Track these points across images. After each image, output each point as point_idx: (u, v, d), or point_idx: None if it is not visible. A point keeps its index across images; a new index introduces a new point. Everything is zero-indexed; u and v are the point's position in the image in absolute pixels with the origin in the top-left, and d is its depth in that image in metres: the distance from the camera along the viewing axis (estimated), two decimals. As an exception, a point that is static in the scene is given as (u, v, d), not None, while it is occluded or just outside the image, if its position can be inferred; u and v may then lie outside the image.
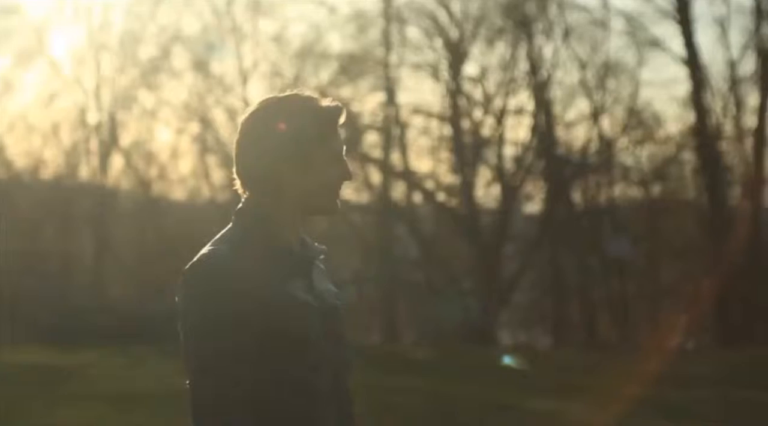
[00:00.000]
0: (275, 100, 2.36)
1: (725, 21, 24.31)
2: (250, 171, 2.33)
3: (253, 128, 2.33)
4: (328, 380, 2.28)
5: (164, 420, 10.91)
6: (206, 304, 2.19)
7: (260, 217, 2.31)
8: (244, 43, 25.82)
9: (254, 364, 2.18)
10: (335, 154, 2.33)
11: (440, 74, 25.77)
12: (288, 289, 2.26)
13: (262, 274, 2.23)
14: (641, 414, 10.77)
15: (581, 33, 25.30)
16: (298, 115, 2.31)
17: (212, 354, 2.17)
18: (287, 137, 2.29)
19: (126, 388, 12.89)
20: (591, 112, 25.27)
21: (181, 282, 2.26)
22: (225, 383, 2.16)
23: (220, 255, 2.25)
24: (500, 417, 11.00)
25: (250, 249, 2.27)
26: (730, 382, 13.79)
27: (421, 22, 25.70)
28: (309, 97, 2.37)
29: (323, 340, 2.28)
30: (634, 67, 25.48)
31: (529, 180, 25.92)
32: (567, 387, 12.98)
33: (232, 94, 25.87)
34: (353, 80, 25.71)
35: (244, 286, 2.20)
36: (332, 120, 2.33)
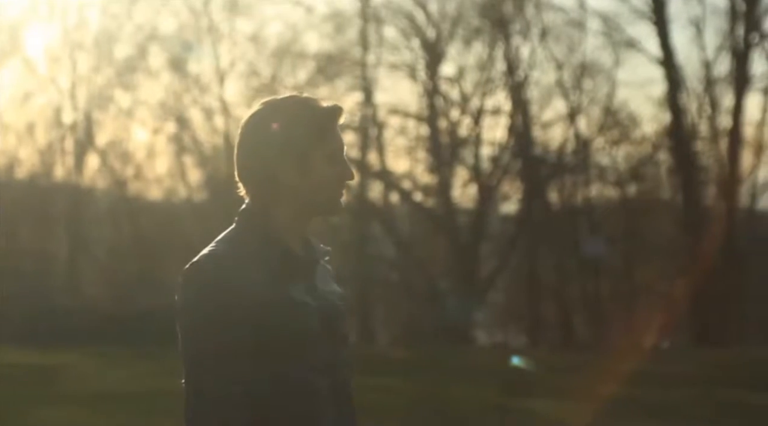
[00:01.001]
0: (273, 102, 2.37)
1: (700, 22, 24.47)
2: (249, 173, 2.34)
3: (250, 130, 2.34)
4: (327, 381, 2.29)
5: (140, 420, 10.87)
6: (203, 304, 2.20)
7: (260, 219, 2.32)
8: (220, 42, 25.77)
9: (251, 364, 2.19)
10: (333, 154, 2.33)
11: (417, 74, 25.83)
12: (286, 290, 2.26)
13: (261, 274, 2.24)
14: (617, 413, 10.82)
15: (558, 33, 25.42)
16: (295, 116, 2.32)
17: (208, 354, 2.19)
18: (284, 138, 2.30)
19: (102, 388, 12.83)
20: (567, 112, 25.38)
21: (180, 281, 2.27)
22: (220, 383, 2.18)
23: (218, 255, 2.25)
24: (478, 416, 11.02)
25: (250, 250, 2.27)
26: (705, 381, 13.88)
27: (398, 22, 25.74)
28: (307, 97, 2.37)
29: (323, 341, 2.29)
30: (611, 68, 25.60)
31: (505, 180, 25.99)
32: (544, 386, 13.02)
33: (209, 94, 25.81)
34: (330, 80, 25.70)
35: (241, 286, 2.21)
36: (329, 120, 2.34)
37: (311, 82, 25.68)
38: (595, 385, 12.33)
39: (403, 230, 26.10)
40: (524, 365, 15.28)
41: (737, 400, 12.28)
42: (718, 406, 11.83)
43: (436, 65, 25.59)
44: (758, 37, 23.84)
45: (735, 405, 11.95)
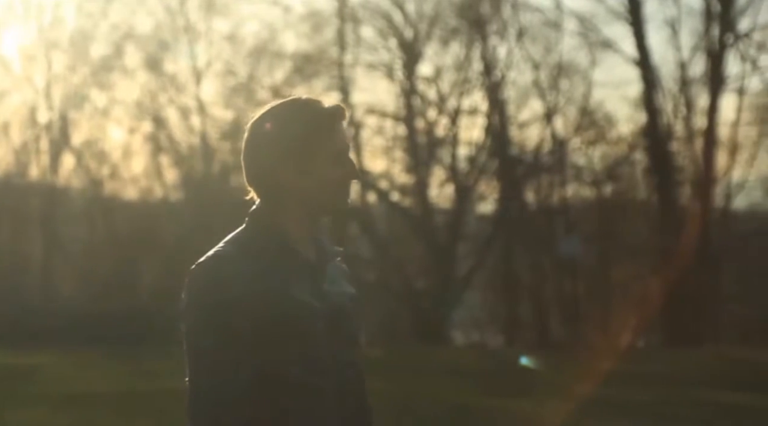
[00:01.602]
0: (276, 105, 2.40)
1: (676, 23, 24.63)
2: (255, 176, 2.37)
3: (254, 134, 2.38)
4: (331, 382, 2.30)
5: (116, 421, 10.82)
6: (205, 304, 2.23)
7: (268, 220, 2.35)
8: (197, 41, 25.70)
9: (252, 364, 2.22)
10: (336, 153, 2.35)
11: (395, 74, 25.84)
12: (291, 290, 2.28)
13: (265, 275, 2.27)
14: (592, 413, 10.86)
15: (534, 34, 25.50)
16: (297, 118, 2.35)
17: (209, 352, 2.21)
18: (287, 140, 2.33)
19: (77, 388, 12.77)
20: (544, 112, 25.47)
21: (186, 281, 2.29)
22: (220, 382, 2.20)
23: (223, 256, 2.28)
24: (455, 416, 11.04)
25: (256, 250, 2.30)
26: (679, 381, 13.96)
27: (375, 22, 25.75)
28: (309, 99, 2.40)
29: (327, 341, 2.31)
30: (587, 68, 25.80)
31: (482, 180, 26.04)
32: (519, 386, 13.05)
33: (186, 93, 25.74)
34: (307, 80, 25.67)
35: (244, 287, 2.23)
36: (331, 120, 2.36)
37: (288, 81, 25.67)
38: (570, 384, 12.37)
39: (380, 230, 26.10)
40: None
41: (711, 400, 12.36)
42: (692, 406, 11.90)
43: (414, 65, 25.63)
44: (733, 38, 23.99)
45: (709, 404, 12.03)
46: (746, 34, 24.03)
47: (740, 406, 11.95)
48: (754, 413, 11.39)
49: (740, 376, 14.44)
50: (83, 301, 23.50)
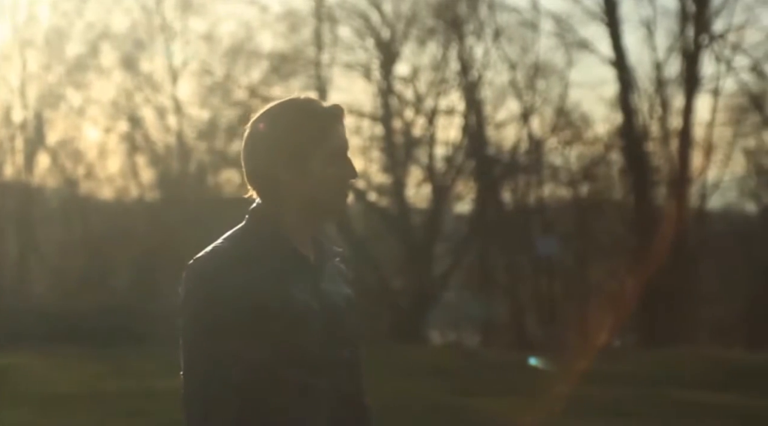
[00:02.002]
0: (275, 105, 2.40)
1: (651, 23, 24.71)
2: (254, 176, 2.38)
3: (252, 134, 2.38)
4: (324, 381, 2.30)
5: (91, 421, 10.77)
6: (201, 299, 2.24)
7: (266, 218, 2.36)
8: (173, 41, 25.61)
9: (248, 361, 2.22)
10: (334, 154, 2.35)
11: (372, 74, 25.84)
12: (288, 289, 2.28)
13: (262, 273, 2.27)
14: (568, 412, 10.89)
15: (511, 34, 25.55)
16: (295, 118, 2.35)
17: (203, 349, 2.22)
18: (284, 140, 2.33)
19: (52, 389, 12.69)
20: (521, 112, 25.53)
21: (183, 277, 2.30)
22: (213, 378, 2.21)
23: (221, 252, 2.30)
24: (432, 416, 11.04)
25: (254, 248, 2.31)
26: (655, 380, 14.03)
27: (352, 21, 25.74)
28: (307, 99, 2.40)
29: (322, 341, 2.31)
30: (563, 68, 25.79)
31: (459, 180, 26.08)
32: (495, 385, 13.08)
33: (162, 93, 25.64)
34: (284, 79, 25.64)
35: (241, 284, 2.24)
36: (329, 120, 2.36)
37: (265, 81, 25.63)
38: (546, 383, 12.40)
39: (357, 230, 26.09)
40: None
41: (686, 399, 12.42)
42: (667, 405, 11.96)
43: (391, 65, 25.63)
44: (708, 38, 24.13)
45: (684, 404, 12.09)
46: (721, 35, 24.18)
47: (715, 405, 12.02)
48: (729, 412, 11.46)
49: (715, 376, 14.52)
50: (58, 301, 23.37)
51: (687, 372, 15.01)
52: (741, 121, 25.07)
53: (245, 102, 26.00)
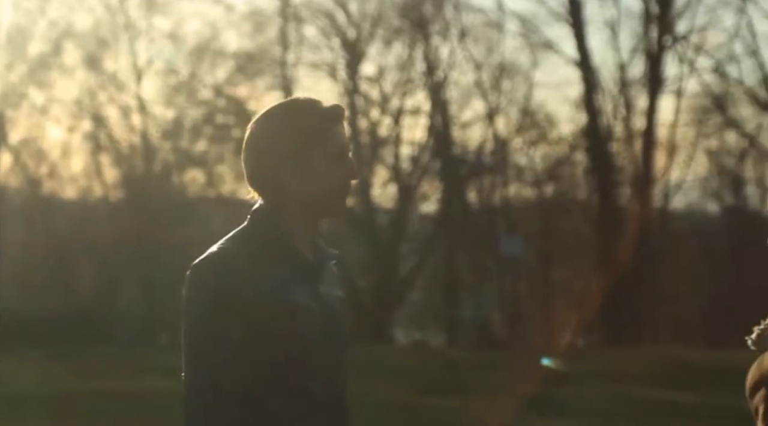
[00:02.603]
0: (275, 106, 2.39)
1: (615, 24, 24.86)
2: (254, 177, 2.36)
3: (253, 135, 2.36)
4: (322, 385, 2.30)
5: (54, 422, 10.69)
6: (204, 303, 2.23)
7: (268, 219, 2.34)
8: (138, 39, 25.45)
9: (250, 365, 2.22)
10: (335, 154, 2.34)
11: (337, 74, 25.83)
12: (290, 293, 2.28)
13: (266, 276, 2.26)
14: (532, 411, 10.94)
15: (477, 34, 25.63)
16: (295, 119, 2.34)
17: (206, 352, 2.22)
18: (285, 141, 2.32)
19: (15, 390, 12.57)
20: (486, 112, 25.61)
21: (186, 279, 2.29)
22: (215, 381, 2.20)
23: (225, 255, 2.28)
24: (396, 415, 11.05)
25: (257, 251, 2.29)
26: (618, 379, 14.11)
27: (318, 21, 25.71)
28: (307, 99, 2.38)
29: (322, 345, 2.31)
30: (528, 69, 25.97)
31: (425, 180, 26.12)
32: (460, 385, 13.11)
33: (126, 92, 25.47)
34: (250, 79, 25.57)
35: (245, 288, 2.23)
36: (329, 120, 2.35)
37: (230, 80, 25.54)
38: (510, 383, 12.45)
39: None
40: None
41: (649, 398, 12.51)
42: (630, 404, 12.04)
43: (357, 65, 25.63)
44: (671, 39, 24.32)
45: (647, 402, 12.17)
46: (684, 37, 24.39)
47: (677, 404, 12.11)
48: (691, 411, 11.55)
49: (677, 375, 14.64)
50: (20, 302, 23.16)
51: (650, 371, 15.12)
52: (703, 122, 25.30)
53: (210, 101, 25.91)
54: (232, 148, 25.79)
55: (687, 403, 12.09)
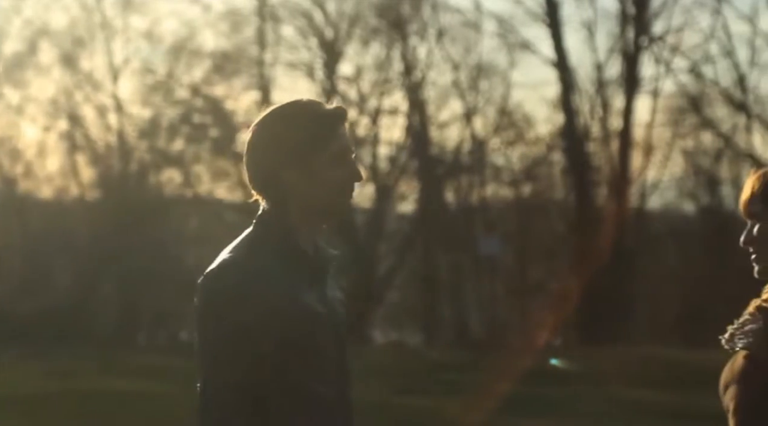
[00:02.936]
0: (277, 107, 2.38)
1: (592, 25, 24.94)
2: (257, 179, 2.34)
3: (255, 137, 2.35)
4: (334, 390, 2.31)
5: (29, 422, 10.63)
6: (224, 311, 2.21)
7: (278, 225, 2.32)
8: (114, 38, 25.34)
9: (264, 372, 2.21)
10: (338, 156, 2.33)
11: (315, 73, 25.80)
12: (304, 298, 2.27)
13: (281, 283, 2.25)
14: (509, 410, 10.96)
15: (454, 34, 25.66)
16: (297, 121, 2.32)
17: (222, 360, 2.21)
18: (287, 143, 2.31)
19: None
20: (464, 112, 25.65)
21: (200, 287, 2.27)
22: (237, 389, 2.19)
23: (240, 263, 2.26)
24: (374, 415, 11.05)
25: (270, 258, 2.28)
26: (595, 378, 14.17)
27: (295, 21, 25.68)
28: (310, 101, 2.38)
29: (331, 349, 2.31)
30: (506, 69, 25.96)
31: (402, 179, 26.13)
32: (438, 384, 13.12)
33: (102, 91, 25.36)
34: (227, 78, 25.50)
35: (261, 294, 2.22)
36: (332, 122, 2.34)
37: (207, 80, 25.46)
38: (488, 382, 12.47)
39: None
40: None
41: (625, 397, 12.56)
42: (607, 403, 12.08)
43: (334, 65, 25.61)
44: (647, 40, 24.43)
45: (623, 401, 12.22)
46: (660, 37, 24.50)
47: (654, 402, 12.17)
48: (666, 409, 11.61)
49: (653, 374, 14.71)
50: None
51: (627, 370, 15.18)
52: (679, 122, 25.42)
53: (187, 101, 25.83)
54: (209, 147, 25.73)
55: (663, 402, 12.15)
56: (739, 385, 2.17)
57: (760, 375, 2.14)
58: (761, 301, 2.25)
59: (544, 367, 14.59)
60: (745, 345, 2.19)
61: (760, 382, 2.14)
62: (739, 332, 2.21)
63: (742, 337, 2.20)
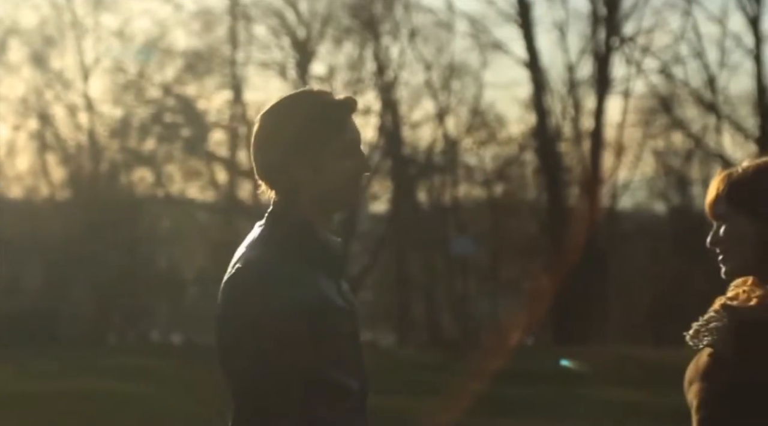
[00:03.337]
0: (286, 97, 2.35)
1: (564, 25, 25.06)
2: (266, 170, 2.31)
3: (264, 128, 2.33)
4: (358, 383, 2.30)
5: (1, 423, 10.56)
6: (258, 310, 2.17)
7: (295, 219, 2.28)
8: (85, 37, 25.20)
9: (300, 368, 2.18)
10: (348, 147, 2.30)
11: (287, 73, 25.76)
12: (328, 293, 2.25)
13: (309, 278, 2.23)
14: (481, 410, 10.99)
15: (427, 34, 25.70)
16: (307, 111, 2.30)
17: (260, 357, 2.16)
18: (297, 134, 2.28)
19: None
20: (436, 112, 25.69)
21: (230, 288, 2.22)
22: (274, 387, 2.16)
23: (267, 260, 2.22)
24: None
25: (293, 254, 2.24)
26: (566, 378, 14.22)
27: (268, 20, 25.63)
28: (320, 91, 2.35)
29: (353, 343, 2.30)
30: (478, 69, 26.08)
31: (375, 179, 26.13)
32: (411, 384, 13.13)
33: (73, 90, 25.22)
34: (199, 78, 25.41)
35: (295, 291, 2.19)
36: (342, 113, 2.31)
37: (179, 79, 25.36)
38: (460, 382, 12.49)
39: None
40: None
41: (596, 396, 12.62)
42: (578, 402, 12.13)
43: (307, 64, 25.58)
44: (618, 41, 24.56)
45: (595, 401, 12.27)
46: (631, 38, 24.64)
47: (625, 401, 12.23)
48: (638, 408, 11.67)
49: (624, 373, 14.78)
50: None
51: (599, 369, 15.25)
52: (650, 123, 25.58)
53: (159, 100, 25.71)
54: (180, 147, 25.63)
55: (634, 401, 12.21)
56: (703, 382, 2.19)
57: (724, 373, 2.16)
58: (725, 298, 2.27)
59: (516, 367, 14.63)
60: (710, 342, 2.21)
61: (724, 379, 2.16)
62: (704, 329, 2.23)
63: (707, 335, 2.22)
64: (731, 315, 2.21)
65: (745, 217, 2.26)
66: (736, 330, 2.18)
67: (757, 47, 23.98)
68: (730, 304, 2.24)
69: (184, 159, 25.77)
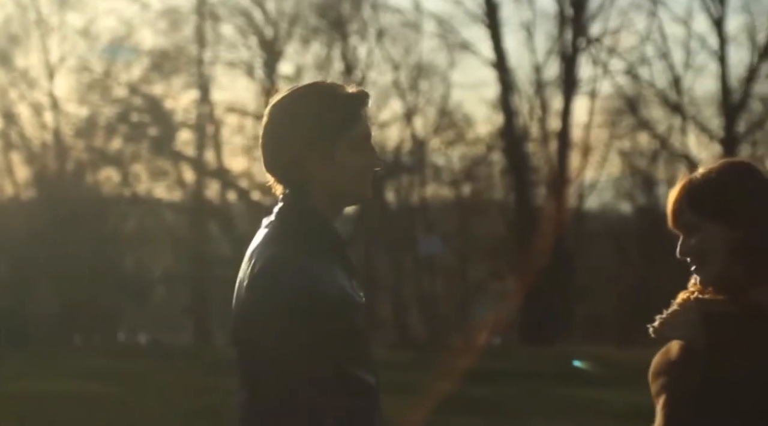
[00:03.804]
0: (296, 88, 2.32)
1: (531, 26, 25.16)
2: (277, 162, 2.27)
3: (274, 119, 2.28)
4: (374, 379, 2.27)
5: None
6: (287, 306, 2.14)
7: (309, 212, 2.25)
8: (50, 36, 25.00)
9: (328, 365, 2.16)
10: (360, 141, 2.28)
11: (255, 72, 25.70)
12: (347, 288, 2.23)
13: (332, 273, 2.20)
14: (448, 410, 11.01)
15: (394, 34, 25.72)
16: (319, 103, 2.26)
17: (291, 355, 2.13)
18: (309, 126, 2.24)
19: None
20: (404, 112, 25.72)
21: (254, 285, 2.19)
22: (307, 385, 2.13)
23: (291, 256, 2.19)
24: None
25: (312, 248, 2.21)
26: (533, 378, 14.28)
27: (235, 19, 25.55)
28: (332, 84, 2.34)
29: (367, 338, 2.29)
30: (446, 69, 26.10)
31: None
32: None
33: (38, 89, 25.02)
34: (166, 77, 25.28)
35: (321, 286, 2.16)
36: (355, 106, 2.29)
37: (146, 78, 25.22)
38: (427, 382, 12.51)
39: (240, 229, 25.90)
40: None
41: (562, 395, 12.68)
42: (545, 402, 12.19)
43: (274, 64, 25.53)
44: (585, 41, 24.69)
45: (562, 400, 12.34)
46: (597, 39, 24.79)
47: (590, 400, 12.30)
48: (604, 408, 11.74)
49: (590, 373, 14.86)
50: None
51: (563, 369, 15.33)
52: (616, 123, 25.73)
53: (125, 99, 25.56)
54: (147, 146, 25.49)
55: (599, 400, 12.28)
56: (674, 374, 2.19)
57: (696, 366, 2.16)
58: (689, 292, 2.27)
59: (484, 366, 14.67)
60: (682, 335, 2.20)
61: (696, 374, 2.16)
62: (671, 321, 2.22)
63: (676, 327, 2.21)
64: (701, 308, 2.21)
65: (715, 225, 2.23)
66: (708, 322, 2.18)
67: (722, 48, 24.20)
68: (701, 297, 2.23)
69: (150, 158, 25.64)
